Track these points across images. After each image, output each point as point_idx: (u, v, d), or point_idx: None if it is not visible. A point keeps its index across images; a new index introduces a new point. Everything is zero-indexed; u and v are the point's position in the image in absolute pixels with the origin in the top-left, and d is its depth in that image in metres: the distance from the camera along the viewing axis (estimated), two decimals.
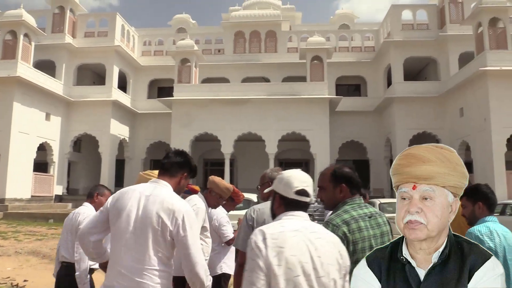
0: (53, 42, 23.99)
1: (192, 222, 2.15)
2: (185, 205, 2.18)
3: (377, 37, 27.05)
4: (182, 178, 2.36)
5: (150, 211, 2.12)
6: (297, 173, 1.85)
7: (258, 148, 22.94)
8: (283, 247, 1.59)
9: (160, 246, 2.10)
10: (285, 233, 1.63)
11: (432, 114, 22.17)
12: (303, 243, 1.62)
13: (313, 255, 1.61)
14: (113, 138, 23.85)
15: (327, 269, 1.62)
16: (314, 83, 22.53)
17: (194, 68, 23.92)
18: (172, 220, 2.10)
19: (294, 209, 1.77)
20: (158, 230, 2.10)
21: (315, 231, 1.69)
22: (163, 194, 2.19)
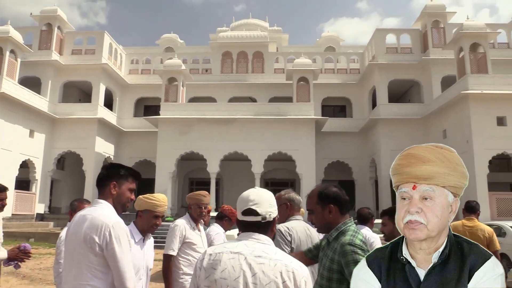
0: (39, 58, 23.90)
1: (119, 235, 2.18)
2: (111, 219, 2.21)
3: (362, 60, 27.57)
4: (112, 188, 2.36)
5: (80, 230, 2.20)
6: (246, 193, 1.77)
7: (244, 167, 22.92)
8: (215, 269, 1.58)
9: (91, 261, 2.15)
10: (223, 254, 1.61)
11: (416, 136, 22.47)
12: (239, 267, 1.57)
13: (248, 281, 1.55)
14: (97, 156, 23.60)
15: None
16: (300, 104, 22.75)
17: (181, 87, 23.99)
18: (99, 234, 2.15)
19: (247, 230, 1.71)
20: (86, 246, 2.16)
21: (260, 256, 1.59)
22: (94, 211, 2.26)
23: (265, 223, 1.70)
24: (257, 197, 1.73)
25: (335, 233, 2.27)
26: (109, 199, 2.36)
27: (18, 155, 20.87)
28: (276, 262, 1.58)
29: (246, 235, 1.70)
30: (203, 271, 1.61)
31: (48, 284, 8.47)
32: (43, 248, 14.01)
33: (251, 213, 1.70)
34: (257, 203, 1.70)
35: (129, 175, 2.44)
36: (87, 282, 2.14)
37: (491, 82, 18.70)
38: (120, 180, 2.40)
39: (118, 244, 2.16)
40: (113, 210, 2.32)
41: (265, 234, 1.70)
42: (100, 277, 2.15)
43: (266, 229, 1.71)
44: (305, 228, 3.05)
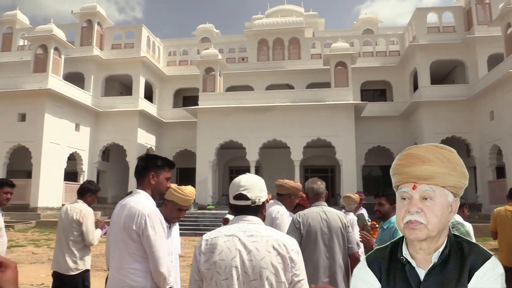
0: (81, 54, 24.72)
1: (155, 223, 2.36)
2: (148, 208, 2.38)
3: (402, 41, 26.71)
4: (151, 178, 2.54)
5: (120, 217, 2.42)
6: (238, 178, 1.90)
7: (283, 155, 22.91)
8: (213, 252, 1.73)
9: (131, 247, 2.35)
10: (219, 238, 1.76)
11: (461, 118, 21.67)
12: (234, 247, 1.72)
13: (245, 259, 1.69)
14: (140, 147, 24.27)
15: (259, 272, 1.68)
16: (338, 89, 22.39)
17: (219, 76, 24.16)
18: (135, 222, 2.34)
19: (239, 213, 1.85)
20: (126, 233, 2.36)
21: (252, 235, 1.74)
22: (132, 200, 2.46)
23: (254, 206, 1.84)
24: (248, 183, 1.86)
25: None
26: (148, 188, 2.54)
27: (65, 148, 21.80)
28: (267, 238, 1.74)
29: (237, 218, 1.84)
30: (202, 256, 1.75)
31: (98, 270, 8.83)
32: None
33: (242, 197, 1.84)
34: (247, 189, 1.84)
35: (165, 165, 2.61)
36: (128, 265, 2.35)
37: None
38: (158, 170, 2.57)
39: (153, 231, 2.34)
40: (150, 199, 2.49)
41: (255, 216, 1.84)
42: (140, 260, 2.35)
43: (256, 212, 1.85)
44: (319, 213, 3.34)
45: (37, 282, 7.57)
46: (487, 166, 20.17)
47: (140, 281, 2.33)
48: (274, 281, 1.68)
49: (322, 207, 3.43)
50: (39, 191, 19.88)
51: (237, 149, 23.41)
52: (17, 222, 18.29)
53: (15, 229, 17.30)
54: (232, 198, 1.86)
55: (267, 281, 1.67)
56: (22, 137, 20.30)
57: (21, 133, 20.31)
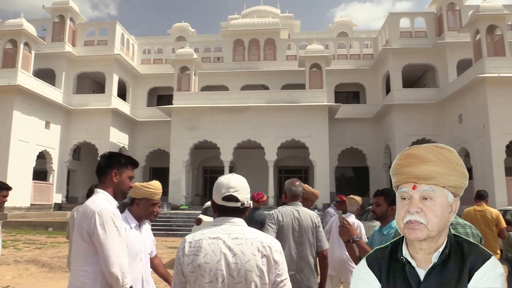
0: (53, 50, 24.12)
1: (104, 221, 2.25)
2: (99, 206, 2.28)
3: (376, 45, 27.19)
4: (113, 176, 2.45)
5: (76, 217, 2.37)
6: (226, 179, 1.87)
7: (257, 155, 22.96)
8: (197, 255, 1.71)
9: (82, 247, 2.27)
10: (203, 241, 1.74)
11: (431, 121, 22.23)
12: (219, 250, 1.71)
13: (230, 262, 1.69)
14: (112, 146, 23.85)
15: (244, 275, 1.68)
16: (313, 91, 22.61)
17: (194, 76, 24.01)
18: (86, 221, 2.26)
19: (225, 214, 1.83)
20: (78, 233, 2.28)
21: (237, 237, 1.74)
22: (89, 200, 2.38)
23: (242, 208, 1.84)
24: (237, 184, 1.84)
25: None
26: (109, 187, 2.45)
27: (34, 146, 21.21)
28: (252, 240, 1.74)
29: (221, 219, 1.83)
30: (185, 258, 1.73)
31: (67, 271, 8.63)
32: (61, 237, 14.29)
33: (232, 199, 1.81)
34: (237, 190, 1.82)
35: (128, 163, 2.53)
36: (79, 267, 2.27)
37: (508, 65, 18.28)
38: (120, 168, 2.48)
39: (103, 230, 2.23)
40: (107, 198, 2.39)
41: (240, 218, 1.84)
42: (91, 262, 2.25)
43: (242, 214, 1.85)
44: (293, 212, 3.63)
45: (3, 284, 7.34)
46: None
47: (88, 284, 2.23)
48: (259, 283, 1.69)
49: (296, 207, 3.69)
50: None
51: (212, 149, 23.33)
52: None
53: None
54: (221, 199, 1.82)
55: (252, 283, 1.67)
56: None
57: None
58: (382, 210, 3.07)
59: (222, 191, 1.82)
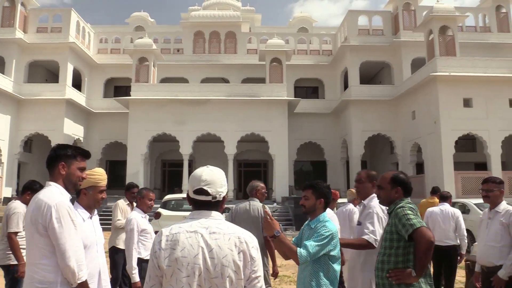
0: (2, 36, 22.91)
1: (61, 214, 2.26)
2: (55, 199, 2.29)
3: (335, 41, 27.68)
4: (61, 168, 2.45)
5: (28, 212, 2.33)
6: (199, 171, 1.86)
7: (217, 149, 22.89)
8: (175, 248, 1.70)
9: (38, 241, 2.26)
10: (180, 234, 1.73)
11: (386, 117, 22.95)
12: (197, 244, 1.70)
13: (207, 256, 1.69)
14: (66, 138, 23.03)
15: (220, 270, 1.69)
16: (273, 85, 22.77)
17: (153, 67, 23.56)
18: (41, 215, 2.25)
19: (199, 207, 1.83)
20: (33, 227, 2.26)
21: (214, 232, 1.74)
22: (40, 193, 2.37)
23: (215, 202, 1.83)
24: (209, 177, 1.83)
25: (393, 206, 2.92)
26: (58, 180, 2.43)
27: None
28: (229, 236, 1.74)
29: (198, 213, 1.82)
30: (162, 252, 1.71)
31: None
32: None
33: (203, 192, 1.81)
34: (209, 183, 1.81)
35: (77, 154, 2.50)
36: (37, 260, 2.26)
37: (458, 65, 19.16)
38: (68, 160, 2.46)
39: (59, 223, 2.24)
40: (60, 191, 2.38)
41: (216, 211, 1.83)
42: (48, 255, 2.25)
43: (217, 207, 1.83)
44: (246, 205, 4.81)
45: None
46: (408, 163, 21.57)
47: (49, 277, 2.24)
48: (234, 278, 1.70)
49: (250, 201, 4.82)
50: None
51: (170, 142, 23.05)
52: None
53: None
54: (192, 192, 1.82)
55: (228, 278, 1.68)
56: None
57: None
58: (310, 204, 3.04)
59: (194, 184, 1.82)
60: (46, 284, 2.23)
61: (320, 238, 2.81)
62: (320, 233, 2.84)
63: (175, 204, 10.36)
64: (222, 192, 1.84)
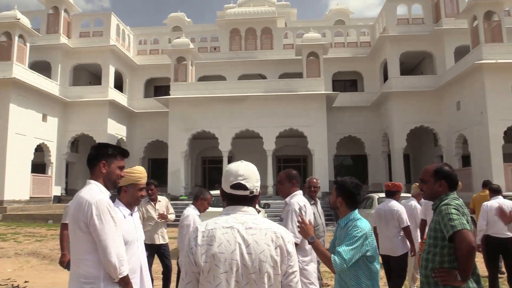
0: (48, 42, 23.92)
1: (101, 211, 2.33)
2: (95, 197, 2.36)
3: (373, 32, 27.06)
4: (102, 167, 2.52)
5: (70, 209, 2.43)
6: (235, 166, 1.83)
7: (256, 145, 22.95)
8: (211, 244, 1.67)
9: (80, 237, 2.34)
10: (216, 230, 1.69)
11: (429, 108, 22.21)
12: (234, 240, 1.67)
13: (244, 252, 1.66)
14: (110, 137, 23.79)
15: (258, 265, 1.66)
16: (310, 79, 22.54)
17: (190, 66, 23.90)
18: (83, 212, 2.32)
19: (234, 203, 1.79)
20: (75, 224, 2.35)
21: (251, 227, 1.70)
22: (82, 191, 2.44)
23: (251, 196, 1.80)
24: (246, 172, 1.81)
25: (438, 202, 2.73)
26: (99, 178, 2.51)
27: (32, 139, 21.15)
28: (266, 231, 1.71)
29: (233, 208, 1.79)
30: (199, 248, 1.67)
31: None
32: None
33: (240, 187, 1.78)
34: (246, 178, 1.79)
35: (117, 153, 2.58)
36: (81, 256, 2.34)
37: (505, 51, 18.23)
38: (109, 159, 2.54)
39: (99, 220, 2.31)
40: (100, 189, 2.46)
41: (251, 206, 1.80)
42: (90, 251, 2.33)
43: (252, 202, 1.81)
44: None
45: (3, 277, 7.36)
46: (453, 155, 20.78)
47: (92, 272, 2.31)
48: (272, 274, 1.67)
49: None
50: (5, 184, 19.24)
51: (210, 139, 23.33)
52: None
53: None
54: (229, 187, 1.79)
55: (266, 274, 1.65)
56: None
57: None
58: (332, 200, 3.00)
59: (230, 179, 1.79)
60: (90, 279, 2.31)
61: (353, 241, 2.69)
62: (352, 235, 2.72)
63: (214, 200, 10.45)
64: (258, 187, 1.83)
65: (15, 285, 6.73)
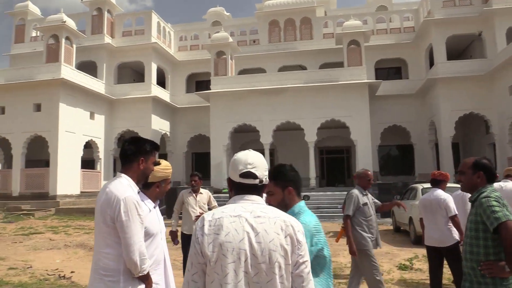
0: (93, 43, 24.78)
1: (129, 208, 2.32)
2: (124, 193, 2.35)
3: (417, 17, 26.02)
4: (141, 163, 2.51)
5: (99, 201, 2.42)
6: (243, 155, 1.79)
7: (297, 136, 22.75)
8: (219, 233, 1.61)
9: (104, 231, 2.35)
10: (223, 219, 1.64)
11: (479, 94, 21.11)
12: (242, 229, 1.61)
13: (253, 241, 1.60)
14: (154, 133, 24.39)
15: (268, 254, 1.60)
16: (352, 68, 22.02)
17: (230, 60, 23.98)
18: (110, 207, 2.33)
19: (242, 192, 1.74)
20: (101, 217, 2.36)
21: (259, 216, 1.65)
22: (111, 184, 2.43)
23: (260, 185, 1.76)
24: (255, 160, 1.77)
25: (476, 194, 2.74)
26: (134, 173, 2.51)
27: (81, 136, 22.06)
28: (275, 219, 1.65)
29: (240, 197, 1.74)
30: (206, 237, 1.62)
31: None
32: None
33: (250, 176, 1.73)
34: (255, 167, 1.75)
35: (153, 149, 2.59)
36: (102, 249, 2.37)
37: None
38: (147, 155, 2.55)
39: (127, 217, 2.31)
40: (130, 184, 2.45)
41: (259, 196, 1.75)
42: (112, 245, 2.34)
43: (260, 192, 1.76)
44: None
45: (52, 267, 7.70)
46: (507, 143, 19.67)
47: (112, 265, 2.34)
48: (282, 264, 1.61)
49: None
50: (57, 179, 20.20)
51: (251, 132, 23.35)
52: (37, 210, 18.67)
53: (35, 217, 17.68)
54: (238, 176, 1.74)
55: (276, 263, 1.59)
56: (38, 127, 20.60)
57: (37, 123, 20.60)
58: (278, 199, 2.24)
59: (239, 168, 1.74)
60: (109, 271, 2.34)
61: None
62: None
63: None
64: (266, 176, 1.79)
65: (61, 275, 7.01)
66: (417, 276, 7.25)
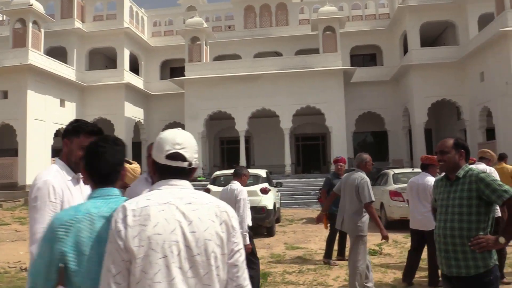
0: (62, 28, 23.99)
1: (38, 194, 2.08)
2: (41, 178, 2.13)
3: (392, 4, 26.07)
4: (64, 145, 2.28)
5: None
6: (171, 134, 1.58)
7: (273, 124, 22.66)
8: (146, 225, 1.39)
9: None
10: (150, 208, 1.42)
11: (452, 81, 21.39)
12: (173, 218, 1.42)
13: (186, 231, 1.42)
14: (128, 121, 23.93)
15: (203, 245, 1.43)
16: (327, 55, 21.97)
17: (205, 46, 23.61)
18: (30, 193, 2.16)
19: (169, 176, 1.53)
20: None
21: (191, 202, 1.47)
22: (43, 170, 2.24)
23: (189, 169, 1.56)
24: (184, 140, 1.57)
25: (462, 172, 2.80)
26: (64, 156, 2.26)
27: (51, 124, 21.42)
28: (208, 205, 1.50)
29: (165, 182, 1.53)
30: (129, 230, 1.38)
31: None
32: None
33: (178, 157, 1.53)
34: (184, 147, 1.55)
35: (80, 130, 2.22)
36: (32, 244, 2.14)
37: None
38: (70, 136, 2.25)
39: (35, 203, 2.08)
40: (58, 169, 2.21)
41: (187, 180, 1.56)
42: None
43: (189, 176, 1.57)
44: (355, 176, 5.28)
45: (14, 260, 7.46)
46: (477, 128, 20.05)
47: None
48: (219, 254, 1.45)
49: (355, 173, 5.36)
50: (26, 169, 19.62)
51: (227, 120, 23.15)
52: (5, 201, 18.11)
53: (3, 207, 17.17)
54: (164, 157, 1.52)
55: (212, 254, 1.43)
56: (5, 115, 19.92)
57: (5, 110, 19.89)
58: None
59: (166, 148, 1.53)
60: None
61: None
62: None
63: (223, 180, 10.33)
64: (196, 159, 1.59)
65: (23, 268, 6.79)
66: (386, 260, 7.32)
